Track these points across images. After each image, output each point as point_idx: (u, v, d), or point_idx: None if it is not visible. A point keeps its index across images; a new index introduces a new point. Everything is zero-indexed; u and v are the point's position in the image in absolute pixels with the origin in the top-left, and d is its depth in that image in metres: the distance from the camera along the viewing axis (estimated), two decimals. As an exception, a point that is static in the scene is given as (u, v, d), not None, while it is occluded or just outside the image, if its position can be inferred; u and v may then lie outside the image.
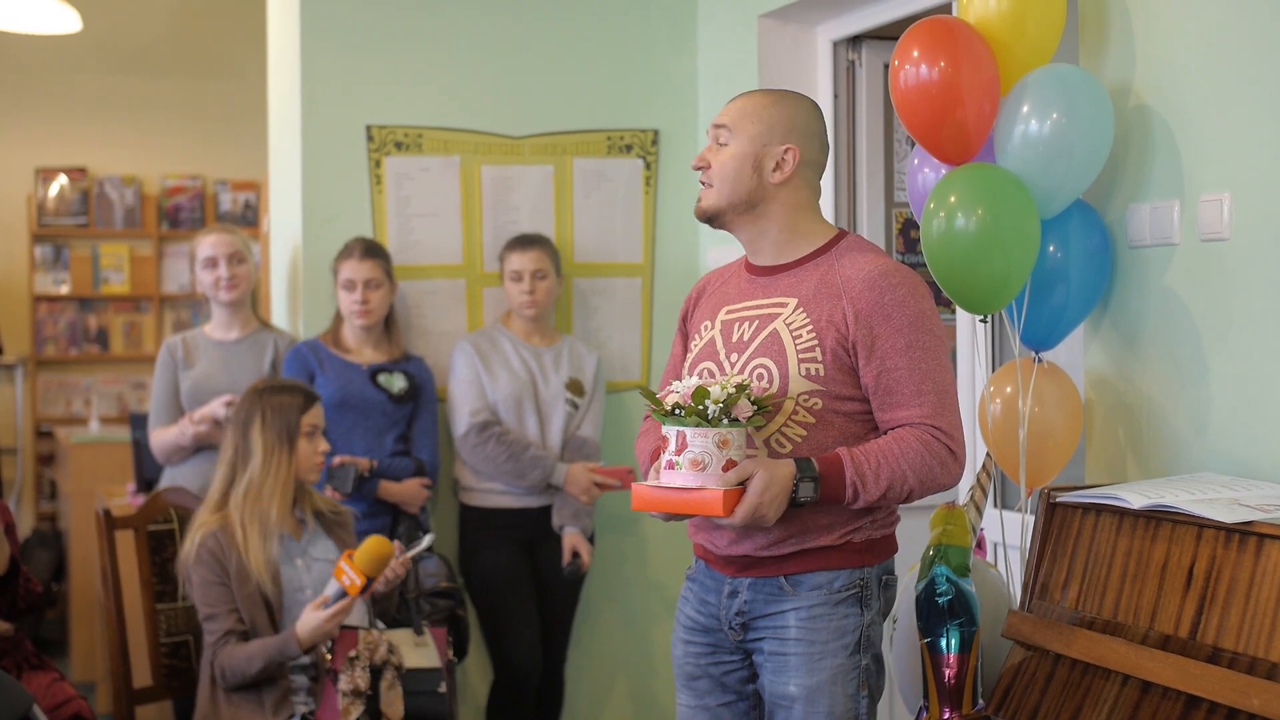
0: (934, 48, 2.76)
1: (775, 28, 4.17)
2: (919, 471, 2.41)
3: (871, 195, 4.16)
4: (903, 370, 2.44)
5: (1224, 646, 2.17)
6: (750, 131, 2.55)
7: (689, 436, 2.36)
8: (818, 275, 2.53)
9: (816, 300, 2.49)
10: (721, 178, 2.56)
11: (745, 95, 2.62)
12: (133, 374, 8.04)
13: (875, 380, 2.45)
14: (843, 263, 2.52)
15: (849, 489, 2.40)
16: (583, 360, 4.27)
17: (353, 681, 3.26)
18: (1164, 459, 2.76)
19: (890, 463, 2.41)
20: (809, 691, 2.48)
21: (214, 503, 3.42)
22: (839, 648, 2.48)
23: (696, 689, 2.64)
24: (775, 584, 2.51)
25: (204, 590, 3.34)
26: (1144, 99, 2.79)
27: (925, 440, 2.42)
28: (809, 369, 2.46)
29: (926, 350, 2.45)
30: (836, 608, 2.49)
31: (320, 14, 4.32)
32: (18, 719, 2.89)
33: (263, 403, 3.43)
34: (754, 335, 2.53)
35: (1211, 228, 2.64)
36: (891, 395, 2.45)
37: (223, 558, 3.34)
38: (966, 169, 2.80)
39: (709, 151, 2.58)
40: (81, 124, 8.02)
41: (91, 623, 5.65)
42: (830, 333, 2.46)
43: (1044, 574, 2.53)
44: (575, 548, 4.13)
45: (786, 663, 2.50)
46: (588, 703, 4.53)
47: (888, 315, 2.45)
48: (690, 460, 2.36)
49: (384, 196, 4.34)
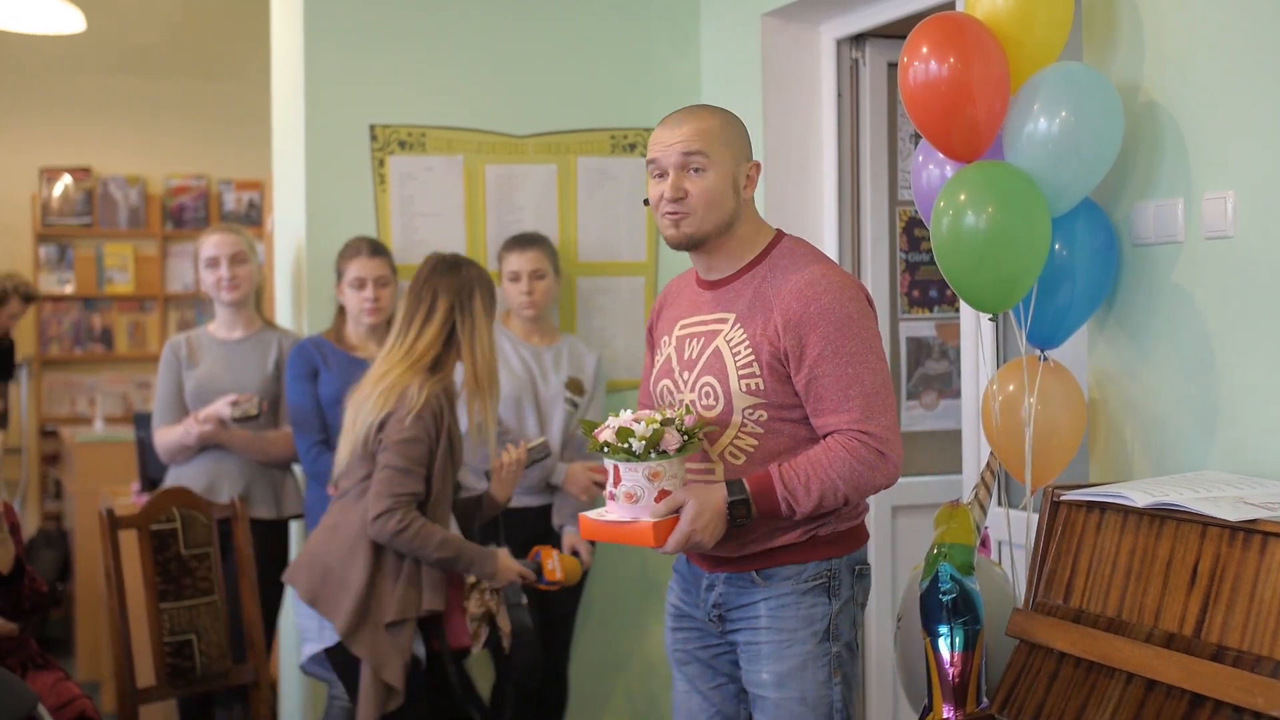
0: (944, 44, 2.74)
1: (778, 26, 4.17)
2: (849, 479, 2.50)
3: (875, 194, 4.15)
4: (830, 376, 2.51)
5: (1229, 645, 2.16)
6: (725, 155, 2.60)
7: (622, 471, 2.49)
8: (752, 289, 2.60)
9: (751, 315, 2.58)
10: (708, 205, 2.58)
11: (692, 115, 2.62)
12: (137, 373, 8.05)
13: (805, 387, 2.54)
14: (775, 273, 2.60)
15: (782, 504, 2.50)
16: (583, 359, 4.27)
17: (484, 604, 3.43)
18: (1169, 457, 2.75)
19: (819, 474, 2.49)
20: (780, 678, 2.58)
21: (423, 363, 3.37)
22: (808, 635, 2.58)
23: (688, 673, 2.75)
24: (747, 578, 2.62)
25: (411, 446, 3.31)
26: (1149, 97, 2.78)
27: (851, 447, 2.49)
28: (749, 384, 2.55)
29: (853, 355, 2.51)
30: (804, 597, 2.59)
31: (323, 13, 4.32)
32: (23, 718, 2.90)
33: (476, 277, 3.44)
34: (700, 353, 2.63)
35: (1216, 226, 2.64)
36: (821, 401, 2.53)
37: (440, 422, 3.34)
38: (977, 167, 2.78)
39: (683, 179, 2.57)
40: (85, 124, 8.03)
41: (97, 622, 5.66)
42: (765, 347, 2.54)
43: (1048, 572, 2.52)
44: (574, 548, 4.13)
45: (759, 651, 2.60)
46: (589, 703, 4.53)
47: (813, 323, 2.51)
48: (624, 493, 2.50)
49: (387, 196, 4.34)
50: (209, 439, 4.02)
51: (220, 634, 3.71)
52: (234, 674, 3.75)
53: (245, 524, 3.83)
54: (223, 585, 3.75)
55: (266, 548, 4.06)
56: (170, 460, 4.12)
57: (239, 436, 4.05)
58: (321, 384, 4.02)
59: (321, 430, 4.02)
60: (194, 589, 3.66)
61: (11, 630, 3.42)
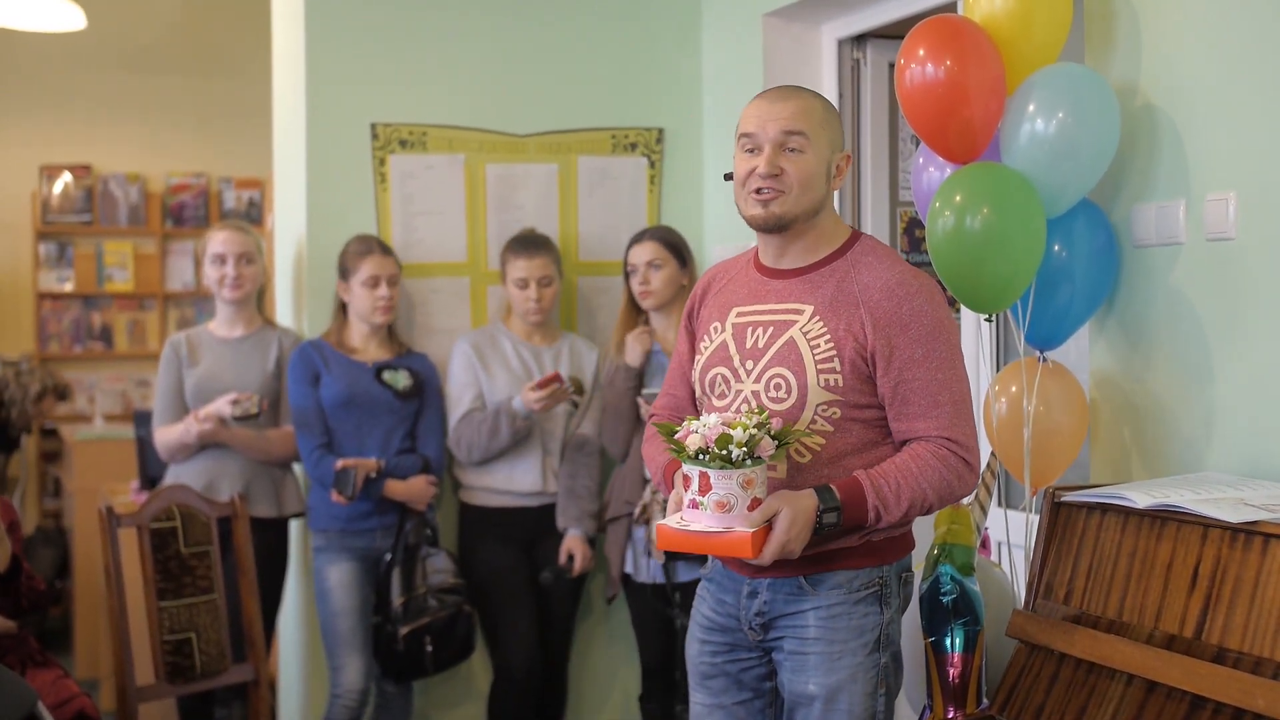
0: (940, 46, 2.75)
1: (780, 26, 4.16)
2: (938, 488, 2.42)
3: (876, 194, 4.15)
4: (920, 381, 2.43)
5: (1229, 646, 2.16)
6: (822, 138, 2.51)
7: (713, 479, 2.35)
8: (834, 282, 2.50)
9: (834, 309, 2.47)
10: (803, 186, 2.48)
11: (795, 93, 2.54)
12: (137, 371, 8.05)
13: (893, 390, 2.45)
14: (859, 269, 2.50)
15: (871, 513, 2.40)
16: (583, 358, 4.26)
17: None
18: (1169, 458, 2.75)
19: (910, 482, 2.41)
20: (828, 690, 2.47)
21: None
22: (858, 646, 2.48)
23: (711, 688, 2.63)
24: (794, 583, 2.51)
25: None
26: (1149, 98, 2.78)
27: (942, 455, 2.42)
28: (828, 380, 2.45)
29: (943, 360, 2.44)
30: (856, 606, 2.49)
31: (325, 12, 4.32)
32: (22, 716, 2.89)
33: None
34: (769, 343, 2.51)
35: (1217, 227, 2.64)
36: (908, 406, 2.44)
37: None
38: (973, 168, 2.79)
39: (780, 157, 2.48)
40: (86, 121, 8.03)
41: (96, 620, 5.66)
42: (849, 343, 2.45)
43: (1048, 573, 2.52)
44: (571, 551, 4.12)
45: (806, 662, 2.49)
46: (589, 703, 4.52)
47: (905, 325, 2.44)
48: (715, 502, 2.35)
49: (388, 194, 4.34)
50: (209, 437, 4.02)
51: (220, 632, 3.71)
52: (233, 672, 3.75)
53: (245, 522, 3.83)
54: (222, 583, 3.74)
55: (266, 546, 4.06)
56: (170, 459, 4.12)
57: (239, 435, 4.05)
58: (323, 387, 4.02)
59: (323, 434, 4.02)
60: (193, 587, 3.66)
61: (11, 628, 3.42)
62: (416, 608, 3.97)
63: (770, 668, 2.60)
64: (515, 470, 4.14)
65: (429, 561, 4.03)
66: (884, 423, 2.49)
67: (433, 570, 4.02)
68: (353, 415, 4.02)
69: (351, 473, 3.91)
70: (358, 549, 4.05)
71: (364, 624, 4.03)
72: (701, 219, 4.55)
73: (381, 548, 4.06)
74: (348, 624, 4.00)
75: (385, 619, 4.00)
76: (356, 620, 4.01)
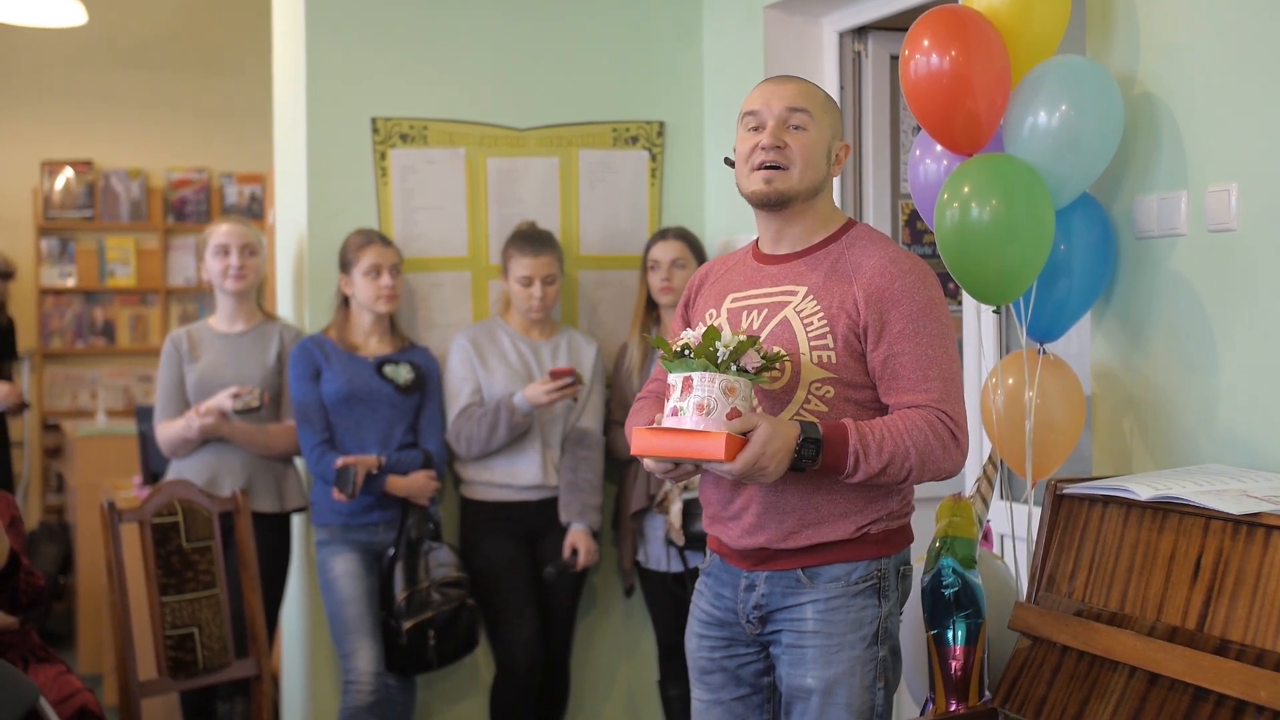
0: (945, 37, 2.73)
1: (780, 19, 4.16)
2: (921, 449, 2.39)
3: (877, 186, 4.14)
4: (910, 355, 2.44)
5: (1231, 638, 2.16)
6: (824, 121, 2.55)
7: (695, 381, 2.32)
8: (828, 263, 2.53)
9: (827, 287, 2.49)
10: (805, 162, 2.52)
11: (798, 78, 2.60)
12: (139, 367, 8.05)
13: (882, 364, 2.45)
14: (853, 250, 2.53)
15: (850, 457, 2.38)
16: (581, 352, 4.25)
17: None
18: (1171, 450, 2.75)
19: (894, 436, 2.39)
20: (826, 684, 2.47)
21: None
22: (857, 639, 2.48)
23: (710, 683, 2.64)
24: (792, 576, 2.51)
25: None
26: (1150, 89, 2.77)
27: (930, 421, 2.41)
28: (821, 356, 2.46)
29: (934, 337, 2.45)
30: (854, 599, 2.49)
31: (325, 6, 4.31)
32: (25, 712, 2.90)
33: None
34: (764, 323, 2.52)
35: (1219, 219, 2.63)
36: (897, 379, 2.45)
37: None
38: (981, 159, 2.78)
39: (783, 132, 2.52)
40: (87, 117, 8.03)
41: (99, 616, 5.66)
42: (841, 318, 2.46)
43: (1050, 566, 2.52)
44: (575, 545, 4.12)
45: (804, 655, 2.50)
46: (591, 696, 4.53)
47: (897, 300, 2.45)
48: (695, 404, 2.32)
49: (389, 189, 4.34)
50: (211, 432, 4.02)
51: (222, 627, 3.71)
52: (236, 667, 3.75)
53: (247, 517, 3.83)
54: (225, 578, 3.74)
55: (268, 541, 4.06)
56: (172, 453, 4.12)
57: (241, 429, 4.05)
58: (324, 383, 4.02)
59: (325, 429, 4.02)
60: (196, 582, 3.66)
61: (12, 624, 3.42)
62: (420, 602, 3.97)
63: (768, 663, 2.60)
64: (516, 464, 4.14)
65: (431, 556, 4.03)
66: (877, 405, 2.49)
67: (435, 564, 4.02)
68: (354, 410, 4.02)
69: (352, 471, 3.91)
70: (361, 543, 4.05)
71: (371, 610, 4.02)
72: (703, 212, 4.54)
73: (384, 542, 4.06)
74: (355, 611, 4.00)
75: (389, 613, 4.00)
76: (364, 607, 4.01)
